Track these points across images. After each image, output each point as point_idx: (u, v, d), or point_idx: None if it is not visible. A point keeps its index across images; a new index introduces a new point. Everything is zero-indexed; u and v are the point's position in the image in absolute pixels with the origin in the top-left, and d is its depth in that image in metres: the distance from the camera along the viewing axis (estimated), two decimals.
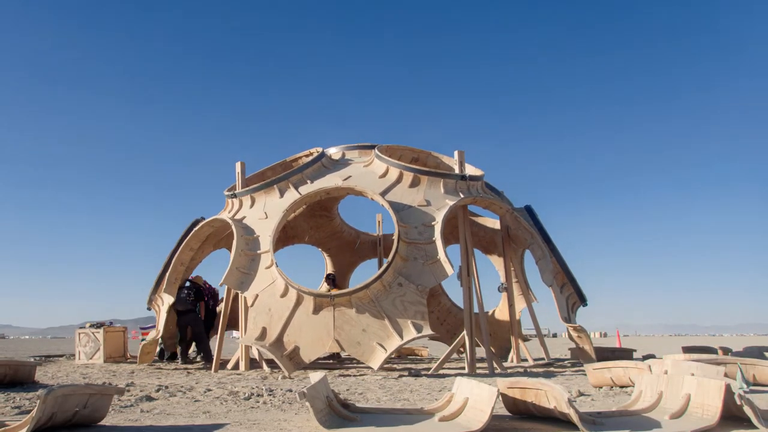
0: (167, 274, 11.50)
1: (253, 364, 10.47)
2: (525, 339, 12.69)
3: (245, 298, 9.70)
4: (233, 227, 10.14)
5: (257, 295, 9.43)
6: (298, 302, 9.15)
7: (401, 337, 8.69)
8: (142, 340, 13.66)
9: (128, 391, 6.60)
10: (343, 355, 14.32)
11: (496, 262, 13.06)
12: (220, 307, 13.58)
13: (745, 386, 3.99)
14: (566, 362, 11.91)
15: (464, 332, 9.54)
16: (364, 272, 16.74)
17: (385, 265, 9.18)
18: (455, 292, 15.20)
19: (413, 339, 8.70)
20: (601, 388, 6.86)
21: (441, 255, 9.17)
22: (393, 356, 13.09)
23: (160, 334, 11.57)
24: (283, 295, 9.28)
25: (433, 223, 9.57)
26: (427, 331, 8.78)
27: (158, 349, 12.83)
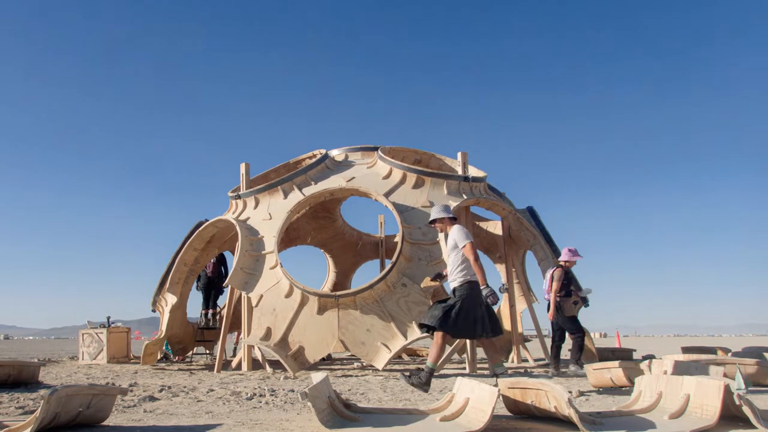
0: (171, 275, 11.54)
1: (255, 364, 10.51)
2: (526, 340, 12.71)
3: (249, 298, 9.74)
4: (237, 228, 10.17)
5: (262, 296, 9.46)
6: (303, 302, 9.18)
7: (405, 337, 8.72)
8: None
9: (131, 391, 6.63)
10: (334, 355, 14.36)
11: (498, 263, 13.09)
12: None
13: (743, 387, 4.00)
14: (567, 363, 11.92)
15: None
16: (367, 273, 16.78)
17: (389, 266, 9.21)
18: None
19: (417, 339, 8.73)
20: (601, 389, 6.88)
21: (445, 255, 9.20)
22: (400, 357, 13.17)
23: (164, 334, 11.61)
24: (288, 295, 9.31)
25: None
26: None
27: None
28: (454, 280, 6.54)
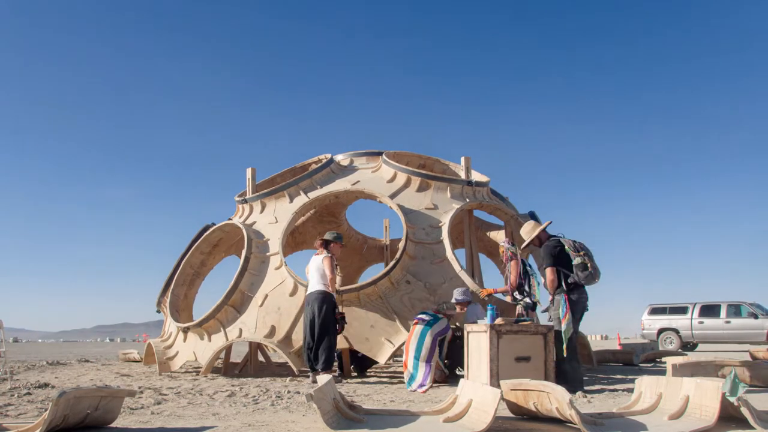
0: (176, 276, 11.59)
1: (261, 366, 10.56)
2: None
3: (255, 298, 9.78)
4: (244, 231, 10.25)
5: (267, 295, 9.53)
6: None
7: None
8: None
9: (139, 393, 6.70)
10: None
11: (500, 265, 13.13)
12: None
13: (728, 390, 4.05)
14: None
15: None
16: (372, 277, 16.81)
17: (393, 262, 9.28)
18: None
19: None
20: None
21: (449, 254, 9.33)
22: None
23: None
24: (293, 293, 9.37)
25: (440, 225, 9.77)
26: None
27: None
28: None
